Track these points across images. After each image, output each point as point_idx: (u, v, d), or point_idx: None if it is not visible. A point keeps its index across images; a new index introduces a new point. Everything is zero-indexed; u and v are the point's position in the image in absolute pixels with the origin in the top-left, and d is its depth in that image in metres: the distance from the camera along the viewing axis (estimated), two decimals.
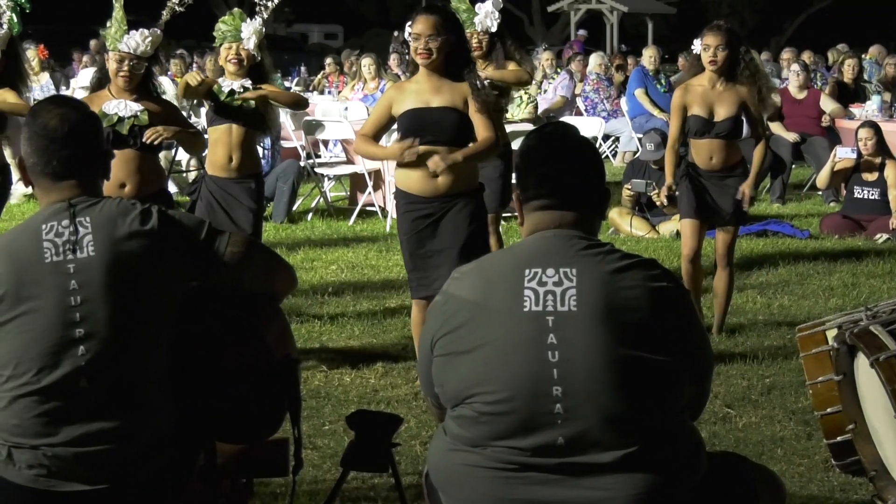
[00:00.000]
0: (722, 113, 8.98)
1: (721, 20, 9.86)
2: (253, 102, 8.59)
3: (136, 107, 7.80)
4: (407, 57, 7.77)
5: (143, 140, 7.67)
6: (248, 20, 8.71)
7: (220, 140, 8.58)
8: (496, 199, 9.64)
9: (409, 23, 7.58)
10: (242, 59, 8.65)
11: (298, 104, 9.46)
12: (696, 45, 9.23)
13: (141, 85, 7.88)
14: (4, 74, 8.73)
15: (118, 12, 7.92)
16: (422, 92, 7.55)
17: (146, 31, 7.84)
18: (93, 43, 25.06)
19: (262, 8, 8.80)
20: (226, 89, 8.57)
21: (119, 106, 7.79)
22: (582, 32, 36.69)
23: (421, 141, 7.43)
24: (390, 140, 13.65)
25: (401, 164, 7.55)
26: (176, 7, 8.41)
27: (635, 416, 3.78)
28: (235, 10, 8.85)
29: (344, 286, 10.57)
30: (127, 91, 7.82)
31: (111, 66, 7.85)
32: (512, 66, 9.61)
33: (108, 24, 7.94)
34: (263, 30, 8.76)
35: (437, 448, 4.02)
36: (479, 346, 3.83)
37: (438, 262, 7.47)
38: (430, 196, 7.51)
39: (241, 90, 8.58)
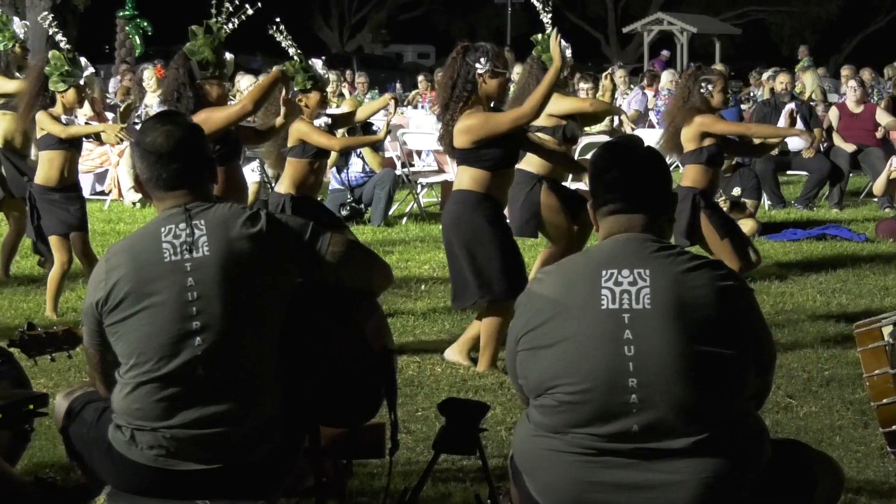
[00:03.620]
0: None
1: (781, 40, 9.93)
2: None
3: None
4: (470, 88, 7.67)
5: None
6: (314, 60, 8.84)
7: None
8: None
9: (486, 56, 7.56)
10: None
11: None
12: (707, 88, 9.07)
13: None
14: None
15: (216, 42, 8.01)
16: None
17: (230, 55, 8.03)
18: None
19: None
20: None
21: None
22: (665, 52, 36.61)
23: (514, 163, 7.88)
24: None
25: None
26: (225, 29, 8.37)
27: (705, 406, 3.76)
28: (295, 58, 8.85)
29: (435, 284, 10.57)
30: None
31: (218, 90, 8.00)
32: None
33: (202, 53, 7.99)
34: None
35: (521, 434, 4.02)
36: (560, 340, 3.83)
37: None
38: (504, 204, 7.86)
39: (325, 126, 8.81)
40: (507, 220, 8.07)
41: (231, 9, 8.14)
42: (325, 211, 9.23)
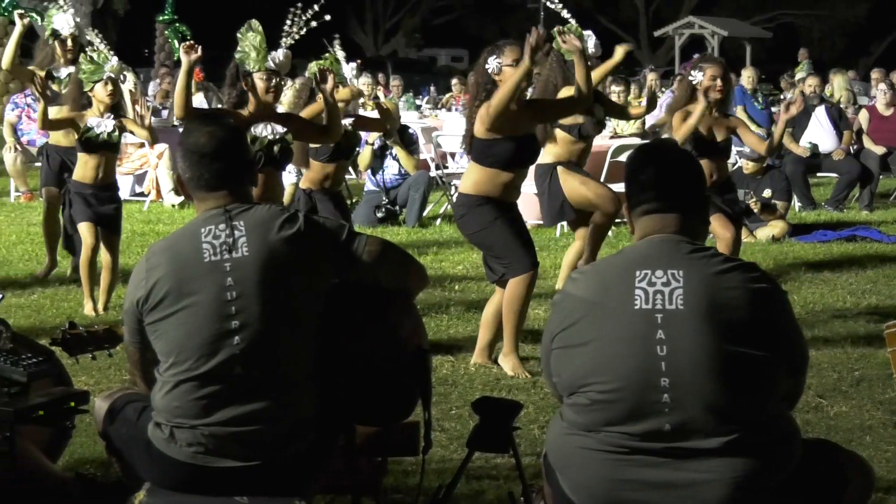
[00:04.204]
0: (720, 135, 9.12)
1: (811, 44, 9.90)
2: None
3: (280, 129, 7.85)
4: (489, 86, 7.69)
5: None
6: (345, 65, 8.73)
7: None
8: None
9: (497, 54, 7.61)
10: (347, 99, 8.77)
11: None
12: (696, 76, 9.05)
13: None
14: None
15: (257, 38, 7.92)
16: (523, 119, 7.73)
17: (286, 51, 7.89)
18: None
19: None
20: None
21: (266, 129, 7.85)
22: (697, 56, 36.56)
23: (527, 164, 7.85)
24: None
25: (500, 181, 7.68)
26: (294, 36, 8.31)
27: (736, 406, 3.75)
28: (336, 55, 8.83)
29: (469, 284, 10.56)
30: (271, 107, 7.90)
31: (260, 85, 7.85)
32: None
33: (243, 50, 7.93)
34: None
35: (554, 432, 4.01)
36: (593, 339, 3.83)
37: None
38: (511, 202, 7.77)
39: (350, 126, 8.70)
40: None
41: (303, 19, 8.15)
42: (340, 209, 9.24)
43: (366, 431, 4.54)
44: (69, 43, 10.61)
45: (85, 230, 9.38)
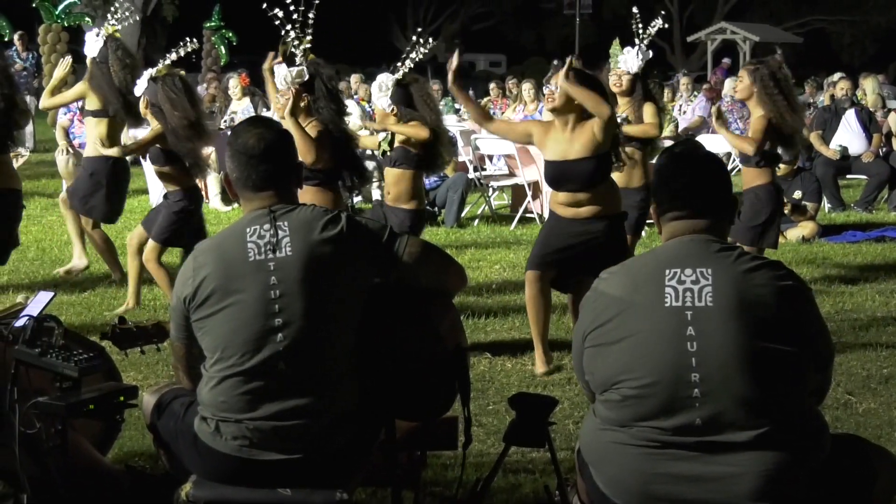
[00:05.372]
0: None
1: (841, 49, 9.84)
2: (388, 143, 8.50)
3: None
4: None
5: None
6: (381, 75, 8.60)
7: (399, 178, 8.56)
8: (631, 227, 9.17)
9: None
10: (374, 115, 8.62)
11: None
12: None
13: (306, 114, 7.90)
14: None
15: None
16: (560, 142, 7.63)
17: (294, 68, 7.83)
18: None
19: (399, 65, 8.58)
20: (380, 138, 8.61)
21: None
22: (726, 60, 36.42)
23: (562, 188, 7.65)
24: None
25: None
26: (292, 47, 8.12)
27: (765, 400, 3.76)
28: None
29: (506, 283, 10.56)
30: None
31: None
32: (647, 109, 9.46)
33: None
34: (395, 84, 8.54)
35: (588, 428, 4.02)
36: (625, 337, 3.84)
37: (574, 274, 7.71)
38: (571, 218, 7.66)
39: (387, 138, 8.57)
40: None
41: (298, 27, 8.02)
42: None
43: (406, 426, 4.55)
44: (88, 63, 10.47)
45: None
